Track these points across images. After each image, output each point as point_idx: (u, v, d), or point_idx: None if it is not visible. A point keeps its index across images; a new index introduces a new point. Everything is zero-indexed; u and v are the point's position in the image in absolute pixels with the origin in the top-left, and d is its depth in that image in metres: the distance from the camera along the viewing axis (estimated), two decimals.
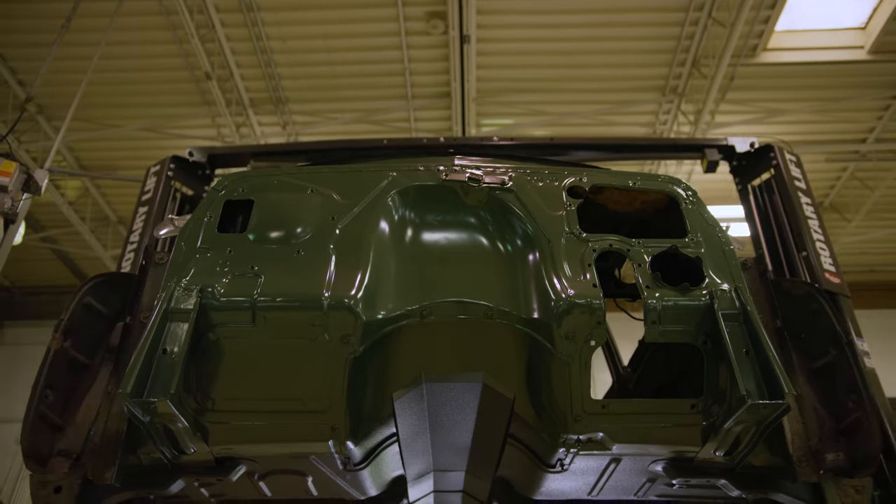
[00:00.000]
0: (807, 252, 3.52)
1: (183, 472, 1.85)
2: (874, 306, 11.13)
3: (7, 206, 3.80)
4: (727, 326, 1.75)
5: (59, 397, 1.97)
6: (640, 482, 2.06)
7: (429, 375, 1.89)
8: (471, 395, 1.95)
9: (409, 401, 1.94)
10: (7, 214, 3.80)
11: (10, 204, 3.84)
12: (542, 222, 1.98)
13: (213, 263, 1.88)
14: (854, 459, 1.92)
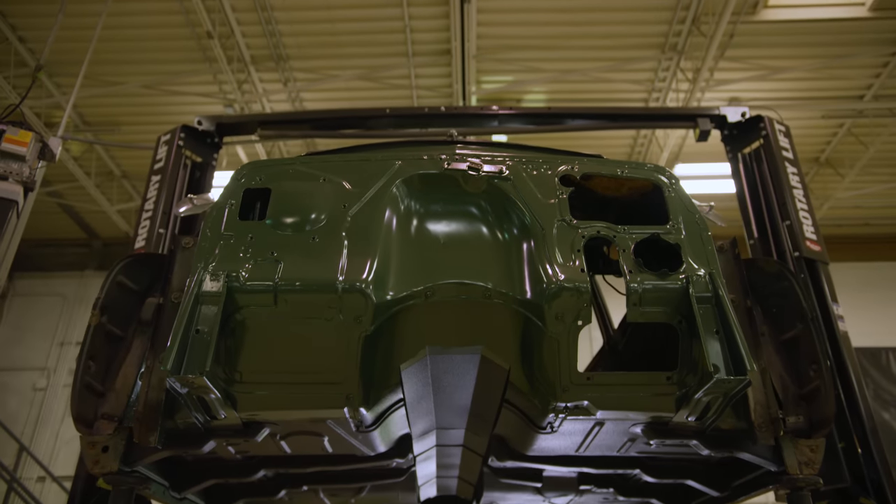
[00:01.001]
0: (790, 221, 3.72)
1: (214, 435, 2.09)
2: (869, 258, 11.37)
3: (26, 175, 3.95)
4: (700, 309, 1.95)
5: (99, 367, 2.19)
6: (622, 441, 2.30)
7: (433, 349, 2.09)
8: (470, 365, 2.17)
9: (414, 371, 2.15)
10: (26, 183, 3.95)
11: (28, 173, 3.99)
12: (536, 209, 2.16)
13: (236, 249, 2.06)
14: (812, 422, 2.15)
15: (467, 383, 2.26)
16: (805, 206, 3.78)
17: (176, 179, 4.05)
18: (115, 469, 2.06)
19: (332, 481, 2.88)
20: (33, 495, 8.36)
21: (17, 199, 3.85)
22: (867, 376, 9.99)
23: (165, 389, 1.99)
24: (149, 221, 3.86)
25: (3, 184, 3.82)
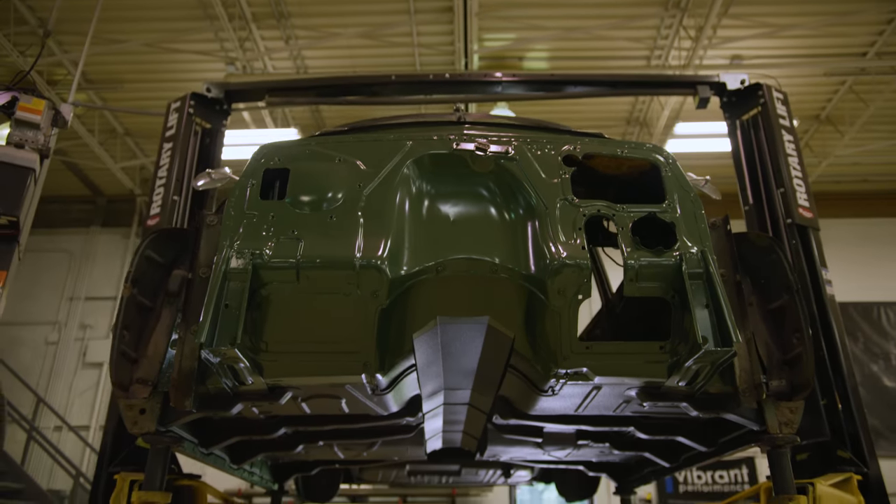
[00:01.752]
0: (784, 189, 3.84)
1: (242, 399, 2.26)
2: (867, 215, 11.50)
3: (41, 143, 4.05)
4: (692, 284, 2.10)
5: (132, 336, 2.35)
6: (618, 403, 2.48)
7: (443, 319, 2.25)
8: (477, 334, 2.33)
9: (426, 339, 2.31)
10: (41, 150, 4.05)
11: (43, 140, 4.08)
12: (540, 189, 2.28)
13: (259, 228, 2.19)
14: (793, 385, 2.33)
15: (474, 349, 2.43)
16: (799, 173, 3.90)
17: (187, 146, 4.15)
18: (153, 430, 2.24)
19: (347, 437, 3.09)
20: (52, 443, 8.70)
21: (35, 167, 3.95)
22: (858, 330, 10.26)
23: (198, 358, 2.15)
24: (163, 189, 3.98)
25: (21, 152, 3.93)
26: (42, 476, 8.96)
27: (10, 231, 3.88)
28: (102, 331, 10.81)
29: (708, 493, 9.34)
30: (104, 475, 3.19)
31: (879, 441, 9.44)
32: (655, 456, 3.24)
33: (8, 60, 8.23)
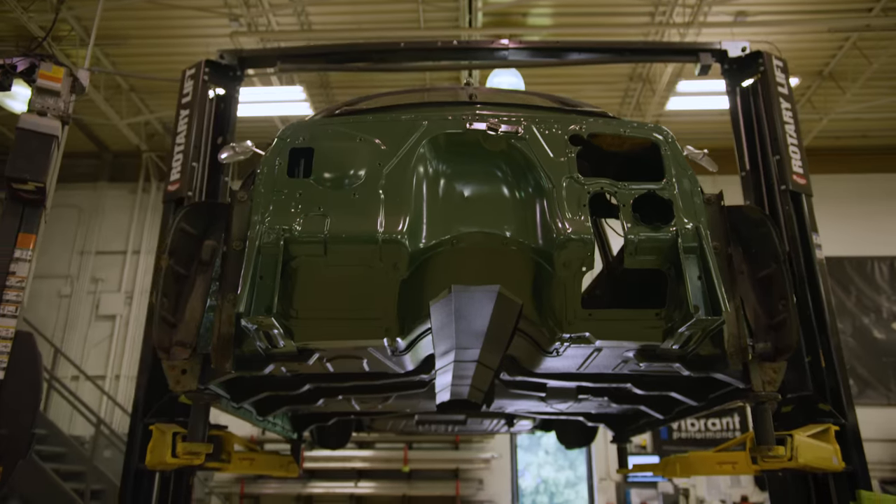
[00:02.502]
0: (780, 156, 3.99)
1: (274, 360, 2.48)
2: (866, 170, 11.61)
3: (62, 110, 4.18)
4: (686, 258, 2.28)
5: (170, 302, 2.56)
6: (616, 363, 2.71)
7: (457, 287, 2.45)
8: (488, 300, 2.54)
9: (441, 305, 2.52)
10: (62, 117, 4.18)
11: (64, 107, 4.21)
12: (547, 167, 2.44)
13: (287, 205, 2.36)
14: (777, 348, 2.54)
15: (485, 314, 2.64)
16: (795, 140, 4.04)
17: (203, 113, 4.28)
18: (194, 388, 2.47)
19: (365, 392, 3.33)
20: (72, 391, 9.04)
21: (57, 134, 4.09)
22: (852, 284, 10.51)
23: (234, 325, 2.36)
24: (181, 155, 4.12)
25: (44, 120, 4.06)
26: (62, 423, 9.34)
27: (38, 196, 4.05)
28: (113, 284, 11.07)
29: (701, 440, 9.76)
30: (140, 426, 3.45)
31: (868, 391, 9.82)
32: (650, 409, 3.49)
33: (10, 16, 8.23)
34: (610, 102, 10.37)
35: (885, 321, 10.28)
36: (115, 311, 10.87)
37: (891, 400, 9.71)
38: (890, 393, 9.75)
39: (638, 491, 9.67)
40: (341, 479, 9.66)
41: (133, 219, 11.41)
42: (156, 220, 11.44)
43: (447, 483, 9.75)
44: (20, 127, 4.01)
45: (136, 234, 11.34)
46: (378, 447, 9.79)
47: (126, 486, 3.48)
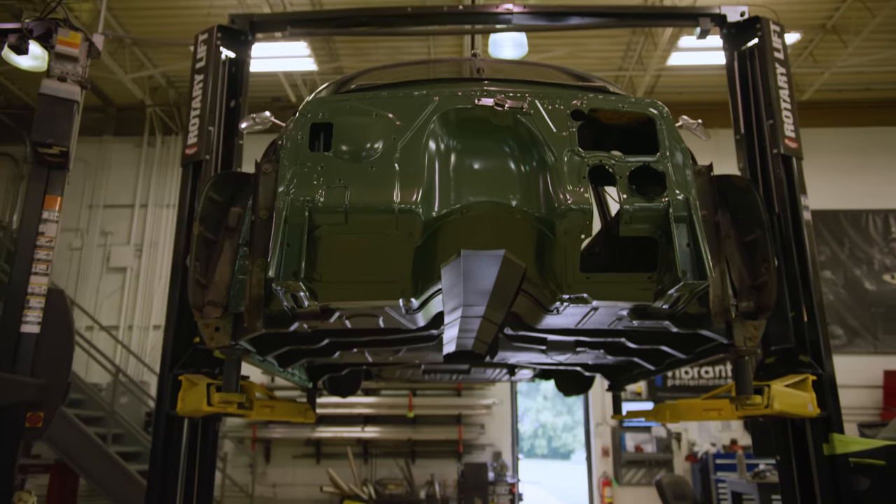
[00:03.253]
0: (773, 121, 4.15)
1: (298, 318, 2.71)
2: (868, 123, 11.68)
3: (80, 75, 4.32)
4: (676, 227, 2.49)
5: (202, 266, 2.79)
6: (611, 320, 2.95)
7: (466, 251, 2.66)
8: (495, 263, 2.76)
9: (451, 267, 2.74)
10: (81, 82, 4.32)
11: (82, 72, 4.35)
12: (550, 141, 2.62)
13: (310, 177, 2.55)
14: (759, 306, 2.78)
15: (491, 276, 2.87)
16: (788, 105, 4.19)
17: (217, 77, 4.41)
18: (228, 343, 2.73)
19: (378, 346, 3.58)
20: (88, 340, 9.38)
21: (77, 99, 4.25)
22: (846, 236, 10.73)
23: (263, 287, 2.60)
24: (198, 119, 4.27)
25: (64, 85, 4.21)
26: (80, 371, 9.71)
27: (62, 159, 4.23)
28: (122, 237, 11.30)
29: (694, 387, 10.14)
30: (169, 376, 3.72)
31: (857, 339, 10.16)
32: (643, 361, 3.76)
33: None
34: (613, 56, 10.38)
35: (877, 273, 10.54)
36: (126, 264, 11.13)
37: (878, 348, 10.06)
38: (877, 342, 10.09)
39: (633, 435, 10.12)
40: (349, 424, 10.10)
41: (139, 173, 11.55)
42: (162, 174, 11.59)
43: (450, 428, 10.19)
44: (43, 93, 4.16)
45: (143, 188, 11.51)
46: (383, 394, 10.20)
47: (158, 432, 3.77)
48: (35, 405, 3.83)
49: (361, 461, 10.22)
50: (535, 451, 43.09)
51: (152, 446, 3.82)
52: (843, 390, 10.40)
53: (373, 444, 10.26)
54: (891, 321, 10.20)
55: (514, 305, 3.13)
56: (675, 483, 7.06)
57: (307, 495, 10.08)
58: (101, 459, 7.95)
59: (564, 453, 41.69)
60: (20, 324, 3.91)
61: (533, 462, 36.61)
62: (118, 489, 7.96)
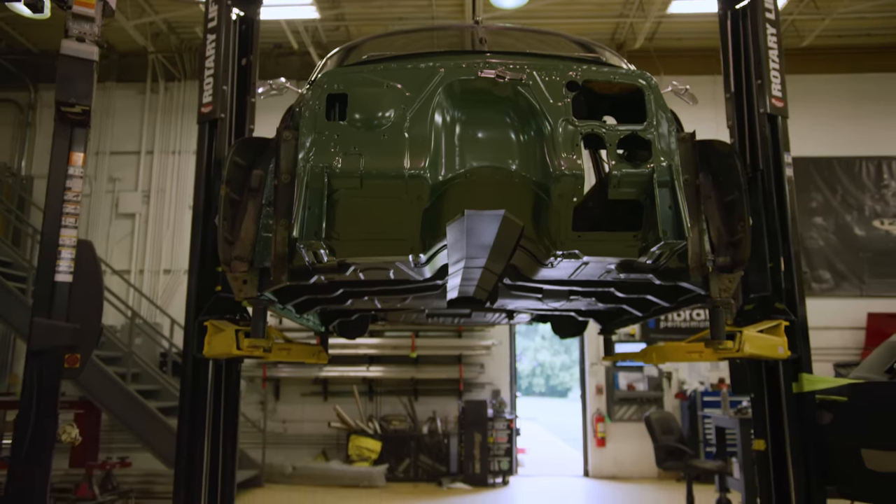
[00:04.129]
0: (762, 80, 4.35)
1: (317, 272, 3.00)
2: (868, 70, 11.70)
3: (97, 35, 4.48)
4: (659, 191, 2.75)
5: (229, 224, 3.07)
6: (601, 273, 3.24)
7: (470, 211, 2.94)
8: (495, 222, 3.04)
9: (456, 225, 3.01)
10: (98, 42, 4.49)
11: (98, 32, 4.51)
12: (547, 110, 2.85)
13: (327, 145, 2.79)
14: (734, 261, 3.08)
15: (492, 233, 3.15)
16: (777, 65, 4.38)
17: (229, 36, 4.59)
18: (255, 294, 3.03)
19: (387, 294, 3.89)
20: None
21: (96, 59, 4.42)
22: (839, 183, 10.95)
23: (287, 245, 2.88)
24: (212, 79, 4.47)
25: (83, 45, 4.37)
26: None
27: (83, 118, 4.44)
28: (130, 183, 11.52)
29: (685, 329, 10.56)
30: (195, 322, 4.05)
31: (843, 283, 10.52)
32: (631, 308, 4.09)
33: None
34: (612, 2, 10.38)
35: (867, 219, 10.81)
36: (134, 210, 11.39)
37: (863, 291, 10.43)
38: (863, 285, 10.46)
39: (625, 374, 10.60)
40: (354, 363, 10.56)
41: (144, 119, 11.67)
42: (166, 121, 11.71)
43: (451, 367, 10.66)
44: (63, 53, 4.33)
45: (148, 135, 11.65)
46: (387, 336, 10.63)
47: (186, 372, 4.12)
48: (72, 348, 4.16)
49: (367, 399, 10.74)
50: (532, 389, 44.30)
51: (181, 385, 4.19)
52: (828, 332, 11.09)
53: (377, 382, 10.75)
54: (877, 265, 10.53)
55: (513, 259, 3.43)
56: (663, 419, 7.53)
57: (315, 430, 10.63)
58: (121, 397, 8.42)
59: (561, 391, 42.90)
60: (54, 274, 4.20)
61: (531, 400, 37.76)
62: (138, 423, 8.46)
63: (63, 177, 4.40)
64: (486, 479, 9.63)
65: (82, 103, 4.37)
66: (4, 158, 11.54)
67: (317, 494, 8.94)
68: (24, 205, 11.15)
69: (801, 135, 10.98)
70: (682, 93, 3.48)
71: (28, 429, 3.82)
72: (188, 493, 3.98)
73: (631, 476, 10.22)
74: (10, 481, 3.78)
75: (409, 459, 10.07)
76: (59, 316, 4.18)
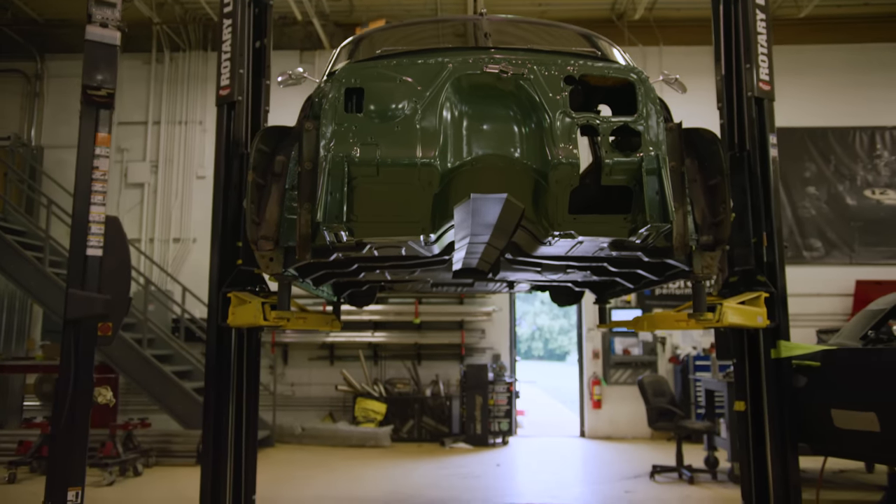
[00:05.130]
0: (750, 64, 4.60)
1: (337, 250, 3.30)
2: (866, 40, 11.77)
3: (118, 20, 4.70)
4: (647, 178, 3.03)
5: (255, 206, 3.36)
6: (595, 250, 3.54)
7: (475, 195, 3.22)
8: (499, 204, 3.32)
9: (463, 207, 3.30)
10: (119, 27, 4.71)
11: (119, 16, 4.73)
12: (546, 103, 3.11)
13: (346, 136, 3.05)
14: (716, 239, 3.38)
15: (495, 213, 3.44)
16: (766, 50, 4.63)
17: (244, 20, 4.82)
18: (280, 271, 3.34)
19: (398, 268, 4.20)
20: None
21: (119, 44, 4.65)
22: (832, 153, 11.18)
23: (310, 226, 3.18)
24: (229, 62, 4.72)
25: (107, 31, 4.61)
26: None
27: (108, 100, 4.69)
28: (138, 154, 11.73)
29: (680, 296, 10.89)
30: (219, 294, 4.37)
31: (834, 251, 10.83)
32: (623, 280, 4.41)
33: None
34: None
35: (859, 188, 11.07)
36: (143, 180, 11.63)
37: (853, 259, 10.75)
38: (853, 253, 10.77)
39: (621, 339, 10.98)
40: (360, 329, 10.93)
41: (150, 90, 11.83)
42: (172, 91, 11.87)
43: (453, 333, 11.04)
44: (88, 39, 4.57)
45: (154, 106, 11.82)
46: (391, 302, 10.98)
47: (211, 340, 4.46)
48: (104, 317, 4.48)
49: (372, 363, 11.14)
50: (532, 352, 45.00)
51: (207, 351, 4.54)
52: (818, 298, 11.53)
53: (382, 347, 11.14)
54: (867, 234, 10.83)
55: (514, 237, 3.73)
56: (655, 382, 7.91)
57: (323, 393, 11.06)
58: (139, 362, 8.81)
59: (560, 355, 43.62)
60: (85, 248, 4.50)
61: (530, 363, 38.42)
62: (155, 387, 8.86)
63: (91, 156, 4.67)
64: (487, 439, 10.08)
65: (107, 86, 4.62)
66: (14, 129, 11.74)
67: (326, 454, 9.39)
68: (35, 174, 11.38)
69: (797, 105, 11.20)
70: (672, 81, 3.73)
71: (68, 392, 4.15)
72: (216, 452, 4.35)
73: (625, 436, 10.69)
74: (54, 439, 4.14)
75: (413, 421, 10.52)
76: (91, 287, 4.50)
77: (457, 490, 6.96)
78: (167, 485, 7.13)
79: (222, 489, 4.33)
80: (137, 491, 6.86)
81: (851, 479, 7.32)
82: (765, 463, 4.23)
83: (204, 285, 10.34)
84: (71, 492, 4.03)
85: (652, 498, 6.58)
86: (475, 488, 7.10)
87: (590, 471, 8.50)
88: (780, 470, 4.14)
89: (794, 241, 10.82)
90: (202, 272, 10.84)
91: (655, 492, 6.86)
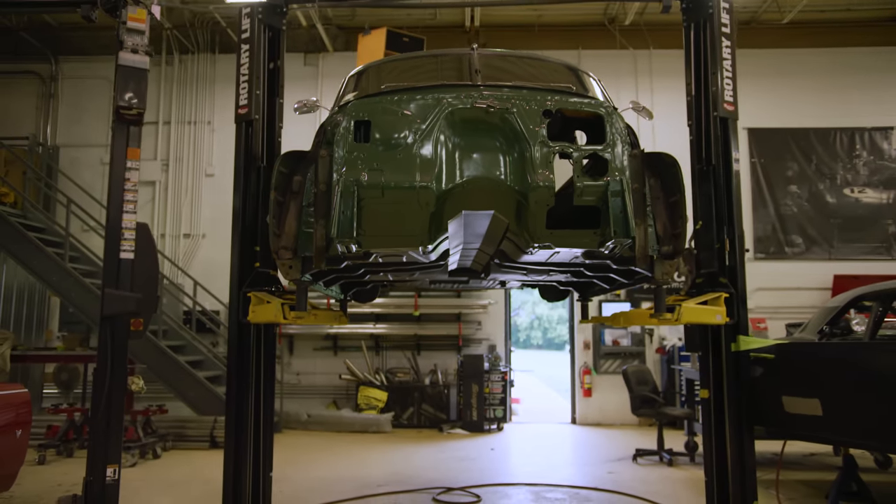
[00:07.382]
0: (717, 87, 5.11)
1: (347, 259, 3.82)
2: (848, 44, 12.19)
3: (146, 46, 5.20)
4: (612, 199, 3.56)
5: (276, 220, 3.89)
6: (571, 258, 4.06)
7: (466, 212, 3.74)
8: (486, 219, 3.84)
9: (456, 222, 3.80)
10: (148, 52, 5.21)
11: (147, 42, 5.23)
12: (527, 133, 3.62)
13: (356, 162, 3.57)
14: (675, 249, 3.91)
15: (484, 227, 3.96)
16: (730, 74, 5.12)
17: (260, 45, 5.32)
18: (299, 277, 3.87)
19: (399, 272, 4.73)
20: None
21: (148, 68, 5.16)
22: (813, 153, 11.68)
23: (325, 239, 3.71)
24: (247, 84, 5.23)
25: (137, 56, 5.10)
26: None
27: (138, 118, 5.20)
28: (149, 153, 12.22)
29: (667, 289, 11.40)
30: (239, 294, 4.90)
31: (814, 247, 11.36)
32: (600, 282, 4.94)
33: None
34: None
35: (839, 187, 11.58)
36: (154, 178, 12.13)
37: (832, 255, 11.28)
38: (832, 249, 11.30)
39: (611, 331, 11.53)
40: (362, 321, 11.48)
41: (160, 90, 12.31)
42: (182, 93, 12.36)
43: (451, 325, 11.59)
44: (120, 64, 5.07)
45: (164, 106, 12.31)
46: (392, 296, 11.51)
47: (232, 335, 5.00)
48: (136, 314, 5.02)
49: (373, 353, 11.70)
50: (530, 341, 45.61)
51: (228, 344, 5.08)
52: (798, 292, 12.18)
53: (383, 338, 11.70)
54: (845, 230, 11.36)
55: (501, 246, 4.25)
56: (639, 371, 8.47)
57: (327, 382, 11.63)
58: (155, 352, 9.36)
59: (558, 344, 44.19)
60: (119, 252, 5.02)
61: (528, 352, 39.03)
62: (170, 376, 9.42)
63: (123, 169, 5.20)
64: (483, 425, 10.66)
65: (138, 107, 5.13)
66: (30, 129, 12.23)
67: (330, 439, 9.97)
68: (51, 173, 11.89)
69: (781, 107, 11.70)
70: (640, 109, 4.25)
71: (105, 381, 4.69)
72: (238, 434, 4.90)
73: (613, 423, 11.27)
74: (93, 423, 4.69)
75: (413, 408, 11.09)
76: (124, 287, 5.03)
77: (453, 472, 7.53)
78: (185, 466, 7.70)
79: (244, 467, 4.88)
80: (159, 472, 7.43)
81: (819, 461, 7.90)
82: (724, 444, 4.78)
83: (213, 279, 11.04)
84: (109, 468, 4.59)
85: (633, 478, 7.15)
86: (471, 470, 7.67)
87: (578, 454, 9.07)
88: (737, 450, 4.69)
89: (776, 237, 11.35)
90: (212, 266, 11.51)
91: (637, 473, 7.44)
